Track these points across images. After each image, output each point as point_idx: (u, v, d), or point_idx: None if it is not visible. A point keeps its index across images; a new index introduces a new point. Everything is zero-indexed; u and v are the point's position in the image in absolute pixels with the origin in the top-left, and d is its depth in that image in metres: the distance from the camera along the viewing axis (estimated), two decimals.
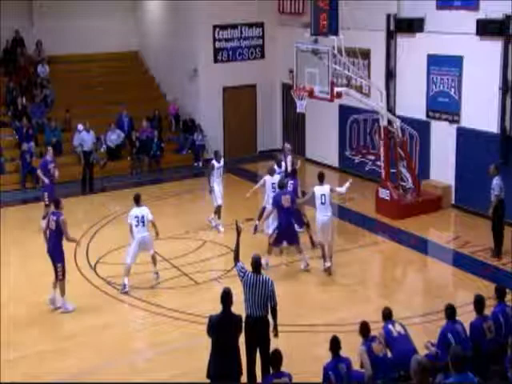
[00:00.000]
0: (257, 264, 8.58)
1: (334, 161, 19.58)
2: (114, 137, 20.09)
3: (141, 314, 11.50)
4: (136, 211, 11.94)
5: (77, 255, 13.61)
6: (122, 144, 20.26)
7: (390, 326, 8.06)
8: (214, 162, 14.78)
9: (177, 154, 20.86)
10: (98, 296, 11.83)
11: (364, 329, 7.84)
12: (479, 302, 8.19)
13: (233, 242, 13.61)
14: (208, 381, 7.97)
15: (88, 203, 17.52)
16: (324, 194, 12.28)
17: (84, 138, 18.38)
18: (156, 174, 19.90)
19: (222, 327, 7.87)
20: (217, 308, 8.05)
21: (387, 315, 8.24)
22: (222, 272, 12.64)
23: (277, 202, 12.53)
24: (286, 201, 12.46)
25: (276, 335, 8.58)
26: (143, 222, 11.89)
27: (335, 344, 7.54)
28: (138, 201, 12.05)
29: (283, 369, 7.35)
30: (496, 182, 12.74)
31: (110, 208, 16.55)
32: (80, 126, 18.39)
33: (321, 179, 12.60)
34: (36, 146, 19.34)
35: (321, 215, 12.34)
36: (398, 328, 8.06)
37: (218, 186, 14.73)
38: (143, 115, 20.65)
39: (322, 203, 12.30)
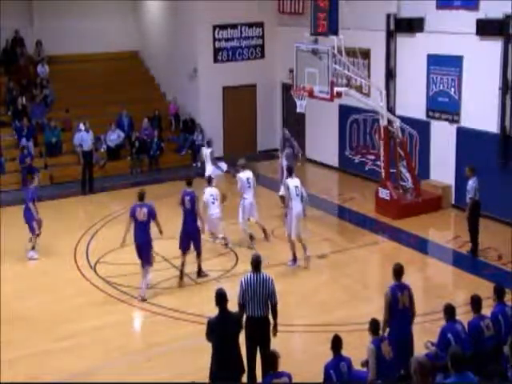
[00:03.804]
0: (257, 262, 8.57)
1: (334, 161, 19.57)
2: (114, 137, 20.09)
3: (140, 313, 11.52)
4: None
5: (77, 254, 13.66)
6: (122, 144, 20.26)
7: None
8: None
9: (176, 153, 20.85)
10: (97, 296, 11.83)
11: (374, 326, 7.73)
12: (476, 302, 8.18)
13: (232, 241, 13.81)
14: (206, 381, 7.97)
15: (88, 203, 17.52)
16: (297, 186, 12.83)
17: (84, 137, 18.37)
18: (155, 173, 19.90)
19: (221, 328, 7.86)
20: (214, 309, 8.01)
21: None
22: (221, 272, 12.63)
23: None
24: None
25: (275, 334, 8.58)
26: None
27: (337, 343, 7.52)
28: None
29: (283, 368, 7.35)
30: (471, 183, 12.80)
31: (109, 208, 16.53)
32: (81, 126, 18.40)
33: (290, 172, 13.14)
34: (35, 146, 19.37)
35: (297, 206, 12.68)
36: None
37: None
38: (143, 115, 20.65)
39: (297, 195, 12.74)
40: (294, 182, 12.84)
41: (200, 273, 12.45)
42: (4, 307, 11.22)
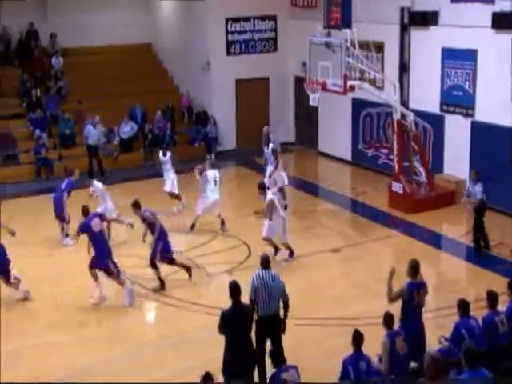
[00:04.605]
0: (266, 260, 8.62)
1: (347, 154, 19.52)
2: (127, 129, 20.15)
3: (153, 305, 11.58)
4: None
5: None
6: (135, 136, 20.31)
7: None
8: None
9: (189, 146, 20.88)
10: (111, 287, 11.86)
11: (388, 320, 7.71)
12: (492, 297, 8.14)
13: (244, 234, 13.86)
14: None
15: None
16: (215, 177, 14.09)
17: (90, 131, 18.55)
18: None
19: (235, 320, 7.90)
20: (229, 300, 8.04)
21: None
22: (234, 264, 12.65)
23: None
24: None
25: (284, 331, 8.58)
26: None
27: (357, 338, 7.42)
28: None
29: (296, 362, 7.36)
30: (478, 189, 12.73)
31: (122, 200, 16.54)
32: (96, 118, 18.52)
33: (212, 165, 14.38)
34: (49, 137, 19.48)
35: (213, 195, 14.02)
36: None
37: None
38: (156, 107, 20.67)
39: (214, 185, 14.02)
40: (213, 173, 14.15)
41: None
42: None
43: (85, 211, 11.73)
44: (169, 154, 15.97)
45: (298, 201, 17.23)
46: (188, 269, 12.02)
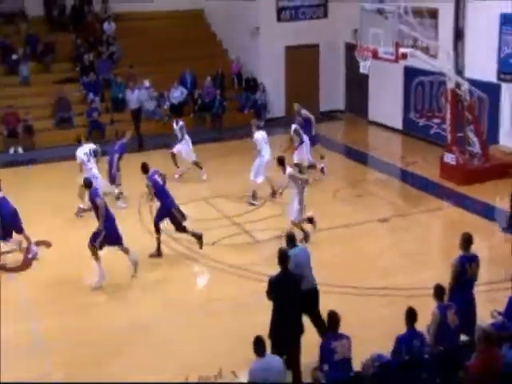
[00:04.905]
0: (292, 238, 8.62)
1: (398, 123, 19.24)
2: (177, 94, 20.25)
3: (202, 269, 11.73)
4: None
5: (141, 211, 13.92)
6: (185, 101, 20.38)
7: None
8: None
9: (239, 112, 20.86)
10: (162, 250, 12.03)
11: (439, 292, 7.62)
12: None
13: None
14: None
15: (146, 159, 17.72)
16: (264, 137, 14.14)
17: (129, 96, 18.77)
18: (218, 131, 19.99)
19: (282, 287, 7.91)
20: (276, 267, 8.05)
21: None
22: (281, 231, 12.64)
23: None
24: None
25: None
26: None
27: (411, 316, 7.29)
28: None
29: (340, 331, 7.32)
30: None
31: (170, 165, 16.67)
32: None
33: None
34: (102, 101, 19.73)
35: (267, 155, 14.00)
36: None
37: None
38: (206, 73, 20.69)
39: (265, 143, 14.12)
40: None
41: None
42: (77, 253, 11.49)
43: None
44: (181, 123, 15.90)
45: (347, 169, 17.15)
46: (199, 237, 11.88)
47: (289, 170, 12.06)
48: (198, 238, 11.81)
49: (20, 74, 19.92)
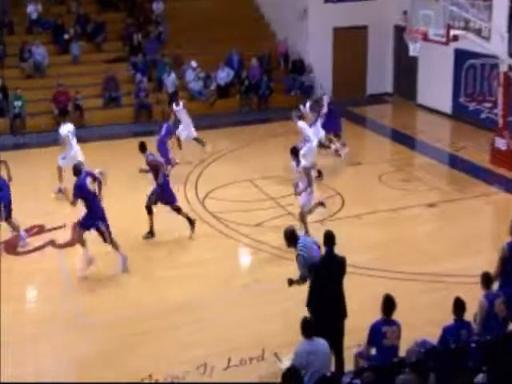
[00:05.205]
0: (291, 233, 8.44)
1: (447, 107, 18.89)
2: (224, 75, 20.27)
3: (245, 250, 11.79)
4: None
5: (187, 189, 14.05)
6: (232, 82, 20.40)
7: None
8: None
9: (285, 94, 20.78)
10: (205, 230, 12.12)
11: (487, 280, 7.49)
12: None
13: (337, 184, 13.82)
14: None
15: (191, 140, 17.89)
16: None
17: (164, 80, 18.75)
18: (264, 113, 19.96)
19: (326, 268, 7.85)
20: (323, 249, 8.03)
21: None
22: (326, 214, 12.62)
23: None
24: None
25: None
26: None
27: (459, 306, 7.12)
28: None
29: (378, 315, 7.21)
30: None
31: (217, 145, 16.77)
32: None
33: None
34: (149, 81, 19.89)
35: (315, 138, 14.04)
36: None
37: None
38: (253, 54, 20.64)
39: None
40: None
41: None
42: (123, 235, 11.60)
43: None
44: (181, 103, 15.82)
45: (393, 153, 16.95)
46: (191, 222, 11.81)
47: (303, 163, 11.71)
48: (191, 222, 11.82)
49: (71, 53, 20.22)
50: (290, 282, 8.30)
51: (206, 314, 9.56)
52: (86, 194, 10.41)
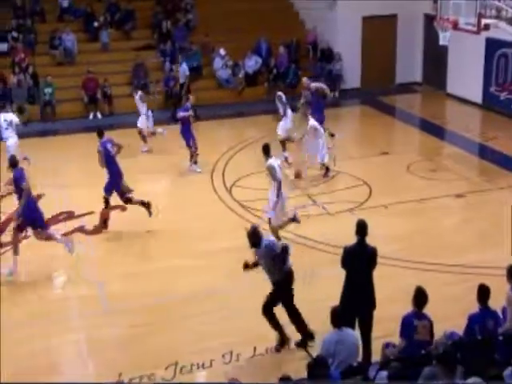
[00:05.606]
0: (254, 234, 8.49)
1: (478, 97, 18.68)
2: (252, 63, 20.26)
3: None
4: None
5: (214, 177, 14.11)
6: (259, 70, 20.37)
7: None
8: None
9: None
10: (231, 218, 12.18)
11: None
12: None
13: (365, 173, 13.75)
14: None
15: (220, 128, 17.89)
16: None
17: (180, 69, 18.88)
18: (292, 101, 19.85)
19: (356, 257, 7.81)
20: (349, 239, 7.99)
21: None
22: (355, 204, 12.60)
23: None
24: None
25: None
26: None
27: (483, 293, 7.02)
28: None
29: (407, 306, 7.17)
30: None
31: (245, 133, 16.78)
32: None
33: None
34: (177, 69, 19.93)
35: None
36: None
37: None
38: (281, 42, 20.58)
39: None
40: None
41: None
42: (149, 220, 11.81)
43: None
44: (139, 93, 16.07)
45: (422, 143, 16.84)
46: (147, 205, 11.81)
47: (270, 160, 10.87)
48: (147, 206, 11.80)
49: (100, 40, 20.37)
50: (246, 266, 8.52)
51: (230, 303, 9.59)
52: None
